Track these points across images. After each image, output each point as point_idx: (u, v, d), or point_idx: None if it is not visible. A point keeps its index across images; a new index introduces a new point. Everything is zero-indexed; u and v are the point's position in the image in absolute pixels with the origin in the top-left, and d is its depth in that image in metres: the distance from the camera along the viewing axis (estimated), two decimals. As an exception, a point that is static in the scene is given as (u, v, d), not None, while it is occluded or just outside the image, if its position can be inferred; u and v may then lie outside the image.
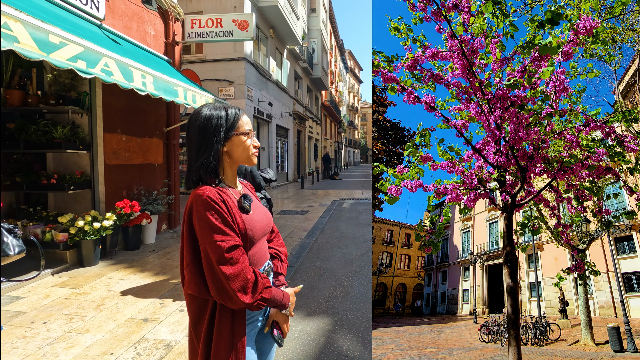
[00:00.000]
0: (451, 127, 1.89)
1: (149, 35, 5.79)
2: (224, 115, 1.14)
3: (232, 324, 1.08)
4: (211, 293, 1.03)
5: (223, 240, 1.02)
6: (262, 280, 1.09)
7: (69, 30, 3.07)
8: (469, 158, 1.94)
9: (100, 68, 3.18)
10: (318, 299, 3.48)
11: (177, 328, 2.78)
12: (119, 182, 5.18)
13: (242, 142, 1.16)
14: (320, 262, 4.70)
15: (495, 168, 1.86)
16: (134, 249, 5.08)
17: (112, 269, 4.21)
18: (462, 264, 12.91)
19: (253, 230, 1.15)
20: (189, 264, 1.06)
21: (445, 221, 1.91)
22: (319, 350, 2.55)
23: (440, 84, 1.90)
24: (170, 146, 6.42)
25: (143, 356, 2.39)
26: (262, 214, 1.24)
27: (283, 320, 1.24)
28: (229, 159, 1.17)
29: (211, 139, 1.11)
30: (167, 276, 4.00)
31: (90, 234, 4.20)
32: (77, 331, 2.70)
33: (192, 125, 1.14)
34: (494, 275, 11.57)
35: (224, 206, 1.06)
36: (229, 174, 1.19)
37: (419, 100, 1.83)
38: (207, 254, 1.01)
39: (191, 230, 1.06)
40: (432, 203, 1.84)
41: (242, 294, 1.01)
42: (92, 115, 4.69)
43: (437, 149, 1.86)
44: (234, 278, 1.00)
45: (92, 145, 4.71)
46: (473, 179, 1.84)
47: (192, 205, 1.05)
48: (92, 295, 3.43)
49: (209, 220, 1.02)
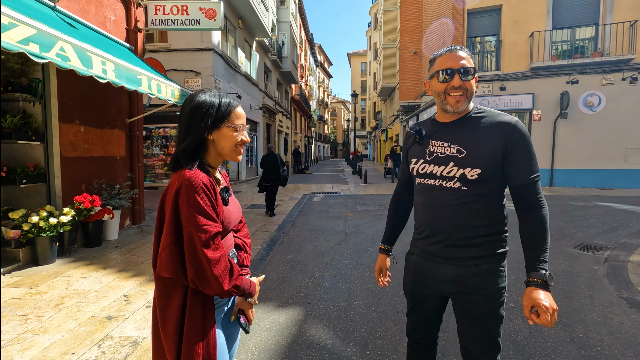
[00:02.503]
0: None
1: (109, 20, 5.47)
2: (216, 103, 1.14)
3: (203, 310, 1.09)
4: (189, 276, 1.03)
5: (210, 225, 1.04)
6: (237, 268, 1.13)
7: (18, 10, 2.85)
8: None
9: (56, 52, 2.97)
10: (289, 291, 3.50)
11: (144, 324, 2.70)
12: (77, 175, 4.90)
13: (230, 135, 1.16)
14: (291, 255, 4.71)
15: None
16: (95, 245, 4.83)
17: (71, 267, 3.99)
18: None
19: (228, 221, 1.18)
20: (169, 245, 1.04)
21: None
22: (291, 339, 2.57)
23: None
24: (133, 138, 6.14)
25: (108, 354, 2.30)
26: (235, 207, 1.28)
27: (248, 308, 1.30)
28: (214, 150, 1.17)
29: (198, 124, 1.12)
30: (132, 272, 3.85)
31: (45, 230, 3.95)
32: (33, 332, 2.55)
33: (184, 109, 1.14)
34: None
35: (213, 193, 1.08)
36: (213, 163, 1.20)
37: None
38: (192, 237, 1.02)
39: (176, 212, 1.04)
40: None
41: (222, 279, 1.04)
42: (46, 104, 4.38)
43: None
44: (216, 263, 1.03)
45: (47, 136, 4.41)
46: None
47: (180, 187, 1.04)
48: (49, 294, 3.23)
49: (199, 204, 1.03)
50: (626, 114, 11.68)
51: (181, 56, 11.44)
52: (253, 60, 16.23)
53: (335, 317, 2.92)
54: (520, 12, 12.39)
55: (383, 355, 2.36)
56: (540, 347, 2.43)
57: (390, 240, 1.67)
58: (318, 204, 9.24)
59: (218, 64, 11.96)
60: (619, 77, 11.65)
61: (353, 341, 2.55)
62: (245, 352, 2.40)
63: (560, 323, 2.78)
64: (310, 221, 6.97)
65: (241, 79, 14.83)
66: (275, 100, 21.92)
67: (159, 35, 11.65)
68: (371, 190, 12.51)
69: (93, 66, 3.38)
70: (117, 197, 5.36)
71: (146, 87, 4.22)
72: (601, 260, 4.37)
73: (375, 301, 3.24)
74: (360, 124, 60.18)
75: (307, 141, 38.65)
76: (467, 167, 1.27)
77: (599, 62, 11.56)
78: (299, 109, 32.78)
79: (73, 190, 4.77)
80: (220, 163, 1.23)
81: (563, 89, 12.02)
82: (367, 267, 4.16)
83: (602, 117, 11.86)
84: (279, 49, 21.08)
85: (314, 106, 44.95)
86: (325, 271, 4.06)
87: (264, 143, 19.46)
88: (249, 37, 15.83)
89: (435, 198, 1.35)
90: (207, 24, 6.59)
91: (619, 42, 11.52)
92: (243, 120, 1.20)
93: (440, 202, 1.34)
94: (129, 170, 6.07)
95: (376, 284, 3.62)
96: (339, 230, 6.15)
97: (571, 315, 2.91)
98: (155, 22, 6.55)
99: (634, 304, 3.15)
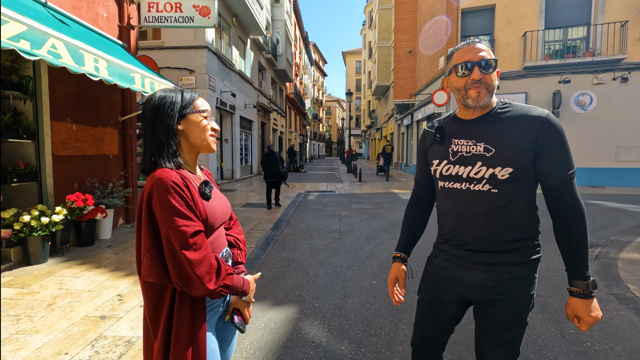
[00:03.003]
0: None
1: (101, 17, 5.41)
2: (179, 95, 1.13)
3: (191, 312, 1.06)
4: (173, 280, 1.00)
5: (187, 225, 0.99)
6: (225, 267, 1.08)
7: (8, 6, 2.80)
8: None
9: (47, 50, 2.93)
10: (284, 289, 3.50)
11: (138, 324, 2.68)
12: (69, 174, 4.84)
13: (199, 121, 1.13)
14: (286, 254, 4.71)
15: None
16: (88, 245, 4.79)
17: (64, 267, 3.96)
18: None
19: (213, 217, 1.13)
20: (148, 250, 1.01)
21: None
22: (286, 338, 2.57)
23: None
24: (126, 136, 6.09)
25: (101, 354, 2.29)
26: (222, 202, 1.23)
27: (244, 307, 1.25)
28: (186, 142, 1.14)
29: (165, 116, 1.08)
30: (125, 272, 3.83)
31: (37, 229, 3.91)
32: (25, 332, 2.52)
33: (147, 107, 1.11)
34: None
35: (187, 190, 1.03)
36: (188, 159, 1.16)
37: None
38: (170, 240, 0.98)
39: (151, 215, 1.02)
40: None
41: (206, 280, 0.99)
42: (37, 101, 4.32)
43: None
44: (198, 264, 0.98)
45: (38, 134, 4.35)
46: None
47: (152, 189, 1.01)
48: (41, 294, 3.20)
49: (171, 205, 0.98)
50: (617, 114, 11.84)
51: (175, 54, 11.36)
52: (247, 58, 16.16)
53: (330, 315, 2.94)
54: (514, 11, 12.48)
55: (377, 353, 2.38)
56: (532, 344, 2.47)
57: (406, 249, 1.49)
58: (313, 203, 9.24)
59: (212, 62, 11.89)
60: (610, 76, 11.81)
61: (348, 339, 2.57)
62: (240, 350, 2.40)
63: (551, 319, 2.82)
64: (305, 220, 6.97)
65: (235, 77, 14.76)
66: (270, 99, 21.86)
67: (152, 32, 11.55)
68: (366, 188, 12.54)
69: (85, 64, 3.34)
70: (110, 196, 5.32)
71: (139, 85, 4.19)
72: (592, 257, 4.43)
73: (369, 299, 3.25)
74: (355, 123, 60.28)
75: (301, 140, 38.61)
76: (497, 167, 1.16)
77: (591, 61, 11.70)
78: (293, 107, 32.71)
79: (65, 189, 4.72)
80: (196, 157, 1.19)
81: (555, 88, 12.15)
82: (362, 266, 4.18)
83: (594, 117, 12.01)
84: (273, 47, 21.01)
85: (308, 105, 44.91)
86: (320, 269, 4.07)
87: (258, 141, 19.41)
88: (243, 35, 15.76)
89: (464, 205, 1.24)
90: (201, 22, 6.55)
91: (610, 42, 11.67)
92: (207, 109, 1.17)
93: (470, 209, 1.22)
94: (122, 169, 6.02)
95: (370, 282, 3.64)
96: (334, 228, 6.16)
97: (563, 311, 2.95)
98: (149, 20, 6.49)
99: (623, 300, 3.20)
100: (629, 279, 3.70)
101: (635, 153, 11.89)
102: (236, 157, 15.30)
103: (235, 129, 15.05)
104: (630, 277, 3.74)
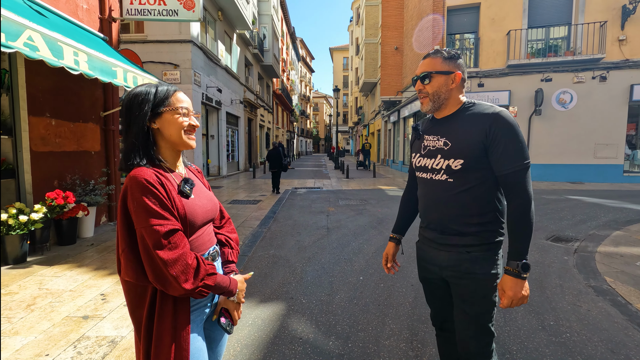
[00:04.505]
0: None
1: (81, 9, 5.24)
2: (153, 91, 1.10)
3: (174, 311, 1.03)
4: (149, 279, 0.98)
5: (160, 224, 0.97)
6: (205, 267, 1.05)
7: (-19, -4, 2.68)
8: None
9: (23, 42, 2.83)
10: (272, 286, 3.50)
11: (122, 323, 2.64)
12: (49, 170, 4.70)
13: (174, 119, 1.10)
14: (273, 250, 4.70)
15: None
16: (69, 243, 4.67)
17: (44, 266, 3.85)
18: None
19: (193, 215, 1.10)
20: (124, 249, 1.00)
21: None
22: (274, 334, 2.57)
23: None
24: (108, 132, 5.94)
25: (84, 355, 2.24)
26: (206, 199, 1.20)
27: (233, 308, 1.22)
28: (163, 139, 1.12)
29: (137, 116, 1.07)
30: (109, 270, 3.75)
31: (15, 228, 3.78)
32: (4, 334, 2.45)
33: (123, 106, 1.10)
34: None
35: (162, 189, 1.01)
36: (168, 156, 1.13)
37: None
38: (144, 239, 0.96)
39: (126, 215, 1.00)
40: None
41: (181, 280, 0.97)
42: (14, 96, 4.17)
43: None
44: (173, 263, 0.96)
45: (15, 129, 4.20)
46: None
47: (126, 188, 1.00)
48: (20, 294, 3.11)
49: (144, 204, 0.97)
50: (595, 111, 12.20)
51: (159, 48, 11.10)
52: (234, 53, 15.95)
53: (317, 311, 2.95)
54: (498, 10, 12.68)
55: (365, 347, 2.40)
56: (514, 335, 2.54)
57: (400, 230, 1.71)
58: (300, 199, 9.23)
59: (197, 57, 11.68)
60: (589, 75, 12.14)
61: (335, 334, 2.58)
62: (228, 348, 2.39)
63: (532, 311, 2.90)
64: (292, 216, 6.96)
65: (221, 73, 14.55)
66: (257, 95, 21.67)
67: (135, 25, 11.26)
68: (353, 185, 12.60)
69: (64, 57, 3.23)
70: (92, 193, 5.19)
71: (122, 80, 4.09)
72: (571, 251, 4.57)
73: (357, 295, 3.28)
74: (342, 119, 60.31)
75: (289, 136, 38.45)
76: (451, 158, 1.33)
77: (571, 60, 12.00)
78: (280, 103, 32.51)
79: (45, 186, 4.58)
80: (176, 155, 1.16)
81: (537, 86, 12.43)
82: (349, 261, 4.20)
83: (574, 114, 12.34)
84: (260, 42, 20.79)
85: (296, 101, 44.71)
86: (307, 266, 4.07)
87: (245, 137, 19.23)
88: (229, 29, 15.53)
89: (429, 192, 1.43)
90: (186, 15, 6.42)
91: (590, 42, 11.99)
92: (187, 104, 1.14)
93: (433, 196, 1.41)
94: (105, 166, 5.88)
95: (357, 278, 3.67)
96: (321, 225, 6.17)
97: (543, 304, 3.04)
98: (131, 12, 6.32)
99: (600, 292, 3.32)
100: (606, 271, 3.84)
101: (613, 150, 12.29)
102: (222, 154, 15.13)
103: (222, 125, 14.86)
104: (607, 270, 3.87)
